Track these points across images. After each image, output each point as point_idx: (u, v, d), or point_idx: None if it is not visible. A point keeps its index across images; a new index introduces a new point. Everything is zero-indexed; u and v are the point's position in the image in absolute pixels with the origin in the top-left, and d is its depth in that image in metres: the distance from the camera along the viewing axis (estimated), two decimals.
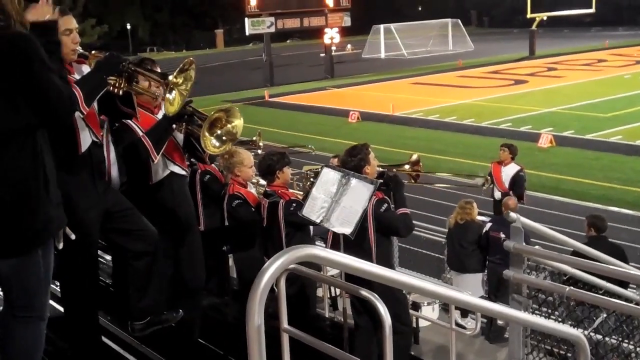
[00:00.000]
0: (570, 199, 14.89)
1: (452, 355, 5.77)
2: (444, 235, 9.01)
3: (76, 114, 3.24)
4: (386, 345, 2.30)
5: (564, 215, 13.50)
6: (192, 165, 5.29)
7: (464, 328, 7.02)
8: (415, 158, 5.35)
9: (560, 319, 4.09)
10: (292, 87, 35.40)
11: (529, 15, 43.48)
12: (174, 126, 4.15)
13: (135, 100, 3.78)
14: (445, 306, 6.96)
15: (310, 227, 5.39)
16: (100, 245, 4.33)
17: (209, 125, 3.88)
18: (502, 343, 6.92)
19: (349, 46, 49.77)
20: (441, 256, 9.45)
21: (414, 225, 4.99)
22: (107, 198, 3.63)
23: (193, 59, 3.63)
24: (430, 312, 6.99)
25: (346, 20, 38.34)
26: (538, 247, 5.35)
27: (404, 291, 5.18)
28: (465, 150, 19.35)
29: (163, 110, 3.96)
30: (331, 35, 38.01)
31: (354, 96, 31.25)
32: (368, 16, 56.51)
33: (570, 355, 4.13)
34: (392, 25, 50.00)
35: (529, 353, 3.89)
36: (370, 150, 4.86)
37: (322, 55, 41.17)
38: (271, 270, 2.11)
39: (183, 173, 4.44)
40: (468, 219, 8.42)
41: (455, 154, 19.01)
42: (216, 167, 5.75)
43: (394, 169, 5.20)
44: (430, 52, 49.60)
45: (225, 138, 3.94)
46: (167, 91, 3.50)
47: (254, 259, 5.30)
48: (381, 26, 49.67)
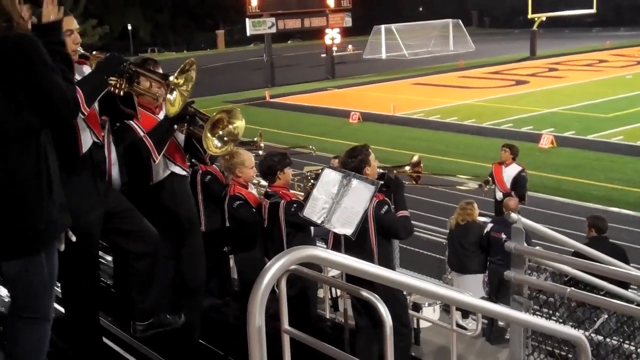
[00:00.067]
0: (571, 199, 14.87)
1: (453, 356, 5.77)
2: (445, 236, 9.00)
3: None
4: (387, 346, 2.30)
5: (565, 215, 13.50)
6: (193, 166, 5.29)
7: (465, 329, 7.01)
8: (416, 159, 5.34)
9: (561, 320, 4.09)
10: (293, 88, 35.38)
11: (530, 15, 43.48)
12: (175, 127, 4.16)
13: (136, 101, 3.78)
14: (446, 307, 6.96)
15: (311, 228, 5.39)
16: (101, 246, 4.33)
17: (210, 126, 3.88)
18: (503, 344, 6.92)
19: (350, 47, 49.72)
20: (442, 257, 9.44)
21: (413, 228, 4.99)
22: (108, 199, 3.63)
23: (194, 59, 3.64)
24: (431, 313, 6.99)
25: (347, 21, 38.30)
26: (539, 248, 5.35)
27: (404, 292, 5.18)
28: (466, 151, 19.34)
29: (164, 110, 3.96)
30: (332, 36, 37.97)
31: (355, 97, 31.23)
32: (369, 17, 56.46)
33: (571, 356, 4.13)
34: (393, 26, 49.97)
35: (530, 354, 3.89)
36: (370, 151, 4.85)
37: (323, 55, 41.16)
38: (272, 271, 2.11)
39: (184, 173, 4.44)
40: (469, 219, 8.42)
41: (456, 155, 19.00)
42: (217, 168, 5.76)
43: (394, 170, 5.19)
44: (431, 53, 49.58)
45: (226, 139, 3.94)
46: (168, 92, 3.51)
47: (255, 259, 5.29)
48: (382, 27, 49.64)
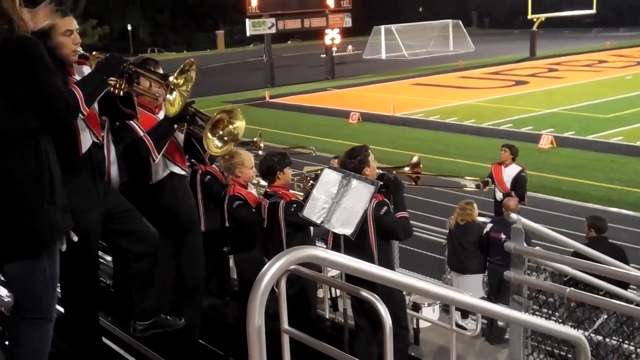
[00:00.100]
0: (570, 199, 14.88)
1: (453, 356, 5.78)
2: (445, 236, 9.00)
3: None
4: (387, 346, 2.30)
5: (565, 216, 13.50)
6: (193, 166, 5.28)
7: (465, 329, 7.02)
8: (415, 160, 5.34)
9: (560, 320, 4.09)
10: (293, 88, 35.38)
11: (530, 16, 43.49)
12: (175, 126, 4.15)
13: (136, 101, 3.78)
14: (446, 307, 6.96)
15: (311, 228, 5.39)
16: (101, 246, 4.33)
17: (211, 126, 3.88)
18: (503, 344, 6.91)
19: (349, 47, 49.74)
20: (441, 257, 9.44)
21: (412, 229, 4.99)
22: (108, 199, 3.63)
23: (194, 59, 3.64)
24: (431, 313, 6.99)
25: (347, 21, 38.31)
26: (539, 248, 5.36)
27: (403, 292, 5.18)
28: (466, 151, 19.34)
29: (164, 110, 3.96)
30: (332, 36, 37.98)
31: (355, 97, 31.24)
32: (369, 17, 56.46)
33: (571, 356, 4.13)
34: (393, 26, 49.99)
35: (529, 354, 3.89)
36: (369, 152, 4.85)
37: (323, 56, 41.16)
38: (272, 271, 2.11)
39: (183, 173, 4.43)
40: (469, 219, 8.42)
41: (456, 155, 19.00)
42: (217, 168, 5.76)
43: (393, 171, 5.19)
44: (431, 53, 49.59)
45: (227, 139, 3.93)
46: (168, 92, 3.51)
47: (255, 259, 5.29)
48: (382, 27, 49.65)
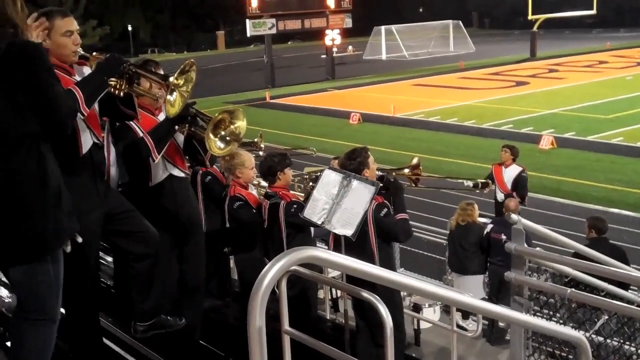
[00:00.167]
0: (571, 200, 14.87)
1: (454, 357, 5.77)
2: (445, 237, 9.00)
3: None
4: (387, 347, 2.30)
5: (565, 216, 13.50)
6: (193, 167, 5.28)
7: (465, 330, 7.02)
8: (415, 162, 5.33)
9: (561, 321, 4.08)
10: (293, 89, 35.40)
11: (530, 16, 43.50)
12: (176, 127, 4.14)
13: (137, 102, 3.78)
14: (447, 308, 6.95)
15: (312, 229, 5.39)
16: (102, 246, 4.33)
17: (213, 127, 3.87)
18: (504, 345, 6.91)
19: (350, 48, 49.78)
20: (442, 258, 9.44)
21: (412, 231, 4.98)
22: (108, 200, 3.63)
23: (194, 60, 3.63)
24: (432, 314, 6.99)
25: (347, 22, 38.33)
26: (539, 249, 5.36)
27: (403, 293, 5.18)
28: (466, 152, 19.34)
29: (164, 112, 3.95)
30: (332, 37, 38.00)
31: (355, 98, 31.25)
32: (369, 17, 56.50)
33: (572, 357, 4.13)
34: (394, 27, 50.00)
35: (530, 355, 3.89)
36: (369, 154, 4.84)
37: (323, 56, 41.18)
38: (272, 272, 2.10)
39: (183, 175, 4.41)
40: (469, 220, 8.42)
41: (457, 156, 19.00)
42: (217, 169, 5.75)
43: (393, 173, 5.18)
44: (431, 54, 49.61)
45: (229, 139, 3.93)
46: (168, 93, 3.50)
47: (255, 260, 5.29)
48: (382, 27, 49.67)
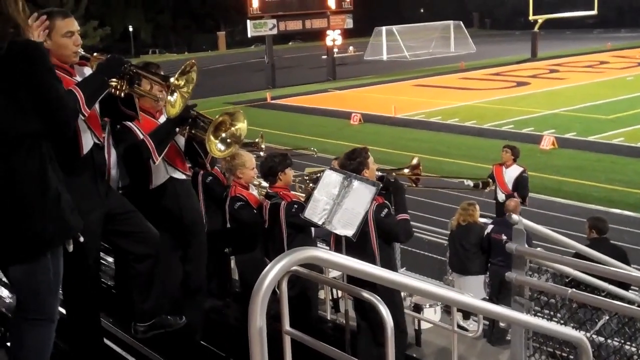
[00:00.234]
0: (572, 200, 14.87)
1: (454, 357, 5.77)
2: (446, 237, 8.99)
3: None
4: (388, 347, 2.30)
5: (566, 217, 13.49)
6: (194, 167, 5.27)
7: (466, 330, 7.02)
8: (415, 162, 5.34)
9: (562, 321, 4.08)
10: (294, 89, 35.41)
11: (531, 17, 43.48)
12: (177, 129, 4.14)
13: (137, 104, 3.78)
14: (447, 308, 6.95)
15: (312, 229, 5.39)
16: (102, 247, 4.33)
17: (213, 129, 3.87)
18: (504, 345, 6.91)
19: (351, 48, 49.79)
20: (443, 258, 9.44)
21: (413, 231, 4.98)
22: (109, 200, 3.63)
23: (195, 61, 3.64)
24: (432, 315, 6.98)
25: (348, 22, 38.33)
26: (540, 249, 5.36)
27: (404, 294, 5.17)
28: (467, 152, 19.34)
29: (165, 114, 3.95)
30: (333, 37, 38.00)
31: (356, 98, 31.25)
32: (370, 18, 56.51)
33: (573, 357, 4.12)
34: (394, 27, 50.01)
35: (531, 355, 3.89)
36: (369, 154, 4.83)
37: (324, 57, 41.19)
38: (273, 273, 2.10)
39: (184, 177, 4.40)
40: (470, 220, 8.41)
41: (458, 156, 19.00)
42: (218, 169, 5.75)
43: (393, 173, 5.18)
44: (432, 54, 49.61)
45: (230, 141, 3.93)
46: (169, 93, 3.50)
47: (256, 260, 5.30)
48: (383, 28, 49.66)
